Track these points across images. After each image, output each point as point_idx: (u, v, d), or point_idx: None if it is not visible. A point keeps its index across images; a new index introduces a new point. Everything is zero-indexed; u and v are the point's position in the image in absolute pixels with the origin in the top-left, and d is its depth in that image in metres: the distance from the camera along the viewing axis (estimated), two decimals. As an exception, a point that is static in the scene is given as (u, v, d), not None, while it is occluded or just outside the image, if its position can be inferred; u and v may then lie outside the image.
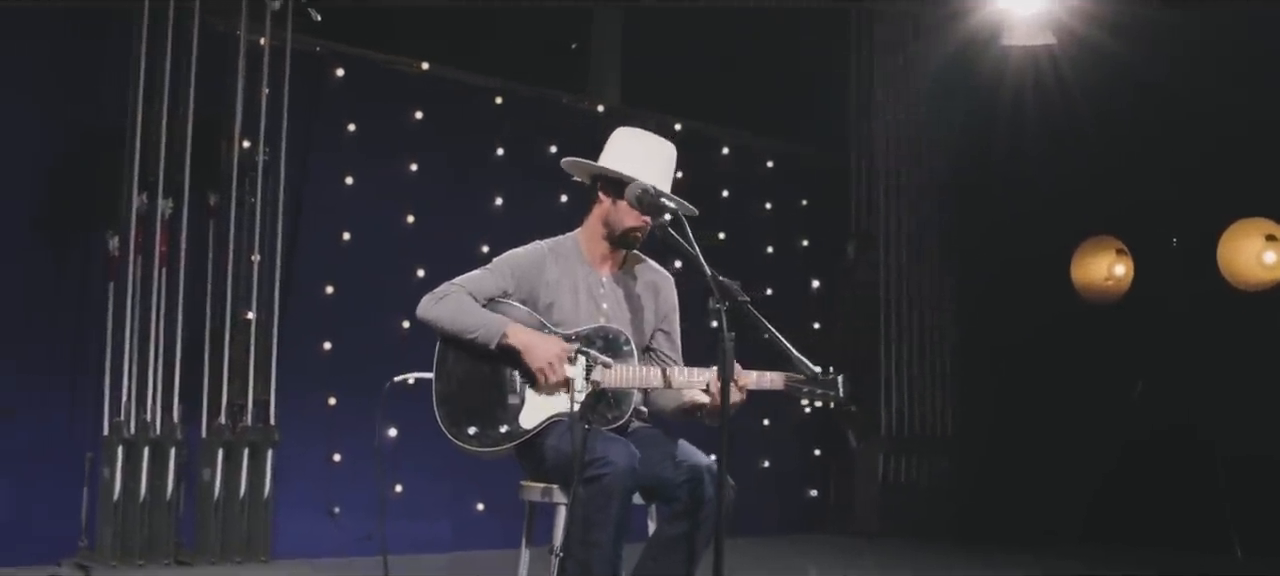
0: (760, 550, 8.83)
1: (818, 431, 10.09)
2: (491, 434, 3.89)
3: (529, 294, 4.07)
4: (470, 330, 3.91)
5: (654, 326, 4.20)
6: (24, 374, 6.65)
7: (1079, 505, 9.26)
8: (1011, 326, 9.61)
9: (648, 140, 4.17)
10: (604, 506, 3.64)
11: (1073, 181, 9.22)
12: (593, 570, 3.65)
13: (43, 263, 6.75)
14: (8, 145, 6.59)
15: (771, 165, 9.99)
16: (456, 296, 3.98)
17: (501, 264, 4.13)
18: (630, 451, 3.71)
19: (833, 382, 3.85)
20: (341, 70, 7.77)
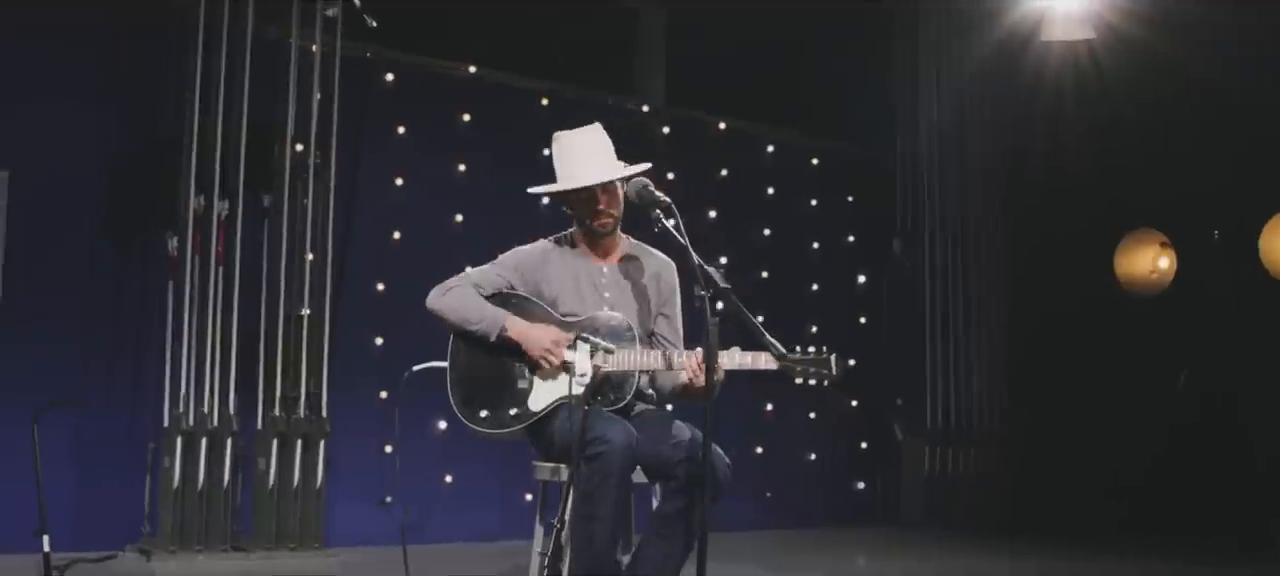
0: (807, 542, 8.98)
1: (864, 424, 10.20)
2: (501, 416, 4.12)
3: (533, 288, 4.29)
4: (472, 322, 4.16)
5: (656, 312, 4.38)
6: (90, 368, 7.00)
7: (1124, 495, 9.30)
8: (1056, 319, 9.68)
9: (578, 140, 4.35)
10: (603, 482, 3.84)
11: (1115, 175, 9.26)
12: (594, 543, 3.86)
13: (107, 263, 7.08)
14: (74, 149, 6.93)
15: (816, 162, 10.12)
16: (460, 290, 4.22)
17: (507, 259, 4.37)
18: (628, 431, 3.90)
19: (825, 361, 4.01)
20: (391, 75, 8.03)
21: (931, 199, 10.17)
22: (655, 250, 4.53)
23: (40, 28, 6.76)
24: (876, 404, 10.21)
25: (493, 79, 8.46)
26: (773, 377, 9.65)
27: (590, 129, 4.39)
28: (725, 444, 9.29)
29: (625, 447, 3.87)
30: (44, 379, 6.75)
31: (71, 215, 6.96)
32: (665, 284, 4.46)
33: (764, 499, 9.57)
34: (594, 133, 4.38)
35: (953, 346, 10.13)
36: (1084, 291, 9.53)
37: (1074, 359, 9.58)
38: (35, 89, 6.75)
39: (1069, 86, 9.00)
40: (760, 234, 9.78)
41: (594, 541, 3.88)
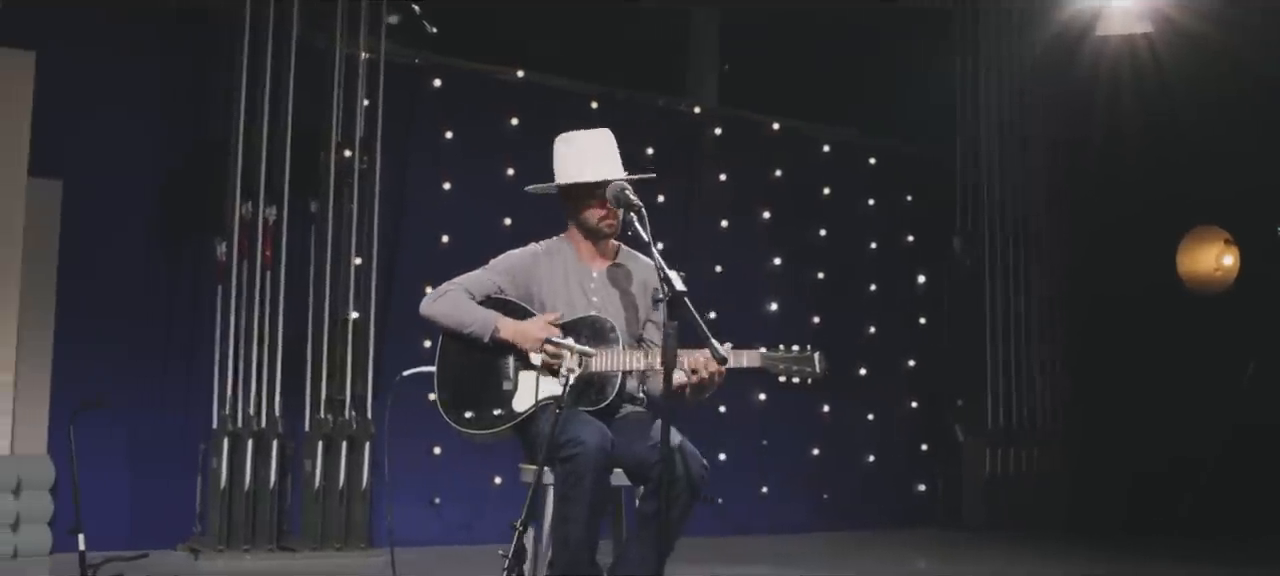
0: (864, 544, 8.91)
1: (925, 425, 10.10)
2: (486, 417, 4.17)
3: (524, 291, 4.33)
4: (466, 325, 4.22)
5: (645, 316, 4.39)
6: (145, 370, 7.19)
7: (1189, 495, 9.10)
8: (1118, 316, 9.49)
9: (582, 141, 4.39)
10: (577, 484, 3.88)
11: (1176, 171, 9.07)
12: (570, 544, 3.90)
13: (158, 267, 7.28)
14: (125, 158, 7.13)
15: (874, 162, 10.04)
16: (453, 295, 4.28)
17: (498, 264, 4.42)
18: (602, 433, 3.92)
19: (809, 359, 3.99)
20: (439, 80, 8.12)
21: (991, 197, 10.02)
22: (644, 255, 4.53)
23: (91, 39, 6.98)
24: (937, 404, 10.09)
25: (541, 82, 8.50)
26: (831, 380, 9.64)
27: (601, 131, 4.42)
28: (779, 445, 9.33)
29: (598, 449, 3.89)
30: (99, 380, 6.92)
31: (124, 222, 7.16)
32: (654, 289, 4.46)
33: (820, 501, 9.52)
34: (606, 135, 4.41)
35: (1014, 346, 9.98)
36: (1146, 288, 9.33)
37: (1136, 357, 9.37)
38: (87, 100, 6.96)
39: (1127, 81, 8.84)
40: (816, 234, 9.72)
41: (569, 542, 3.93)
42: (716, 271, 9.20)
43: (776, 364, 4.05)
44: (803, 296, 9.60)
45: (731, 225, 9.28)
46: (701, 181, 9.21)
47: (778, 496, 9.28)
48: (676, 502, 3.98)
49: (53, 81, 6.84)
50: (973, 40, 10.08)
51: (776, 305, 9.45)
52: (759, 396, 9.26)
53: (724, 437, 9.10)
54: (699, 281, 8.97)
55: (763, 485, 9.24)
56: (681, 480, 3.99)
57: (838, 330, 9.72)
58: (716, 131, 9.27)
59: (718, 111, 9.33)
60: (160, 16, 7.17)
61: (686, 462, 4.00)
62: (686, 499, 4.01)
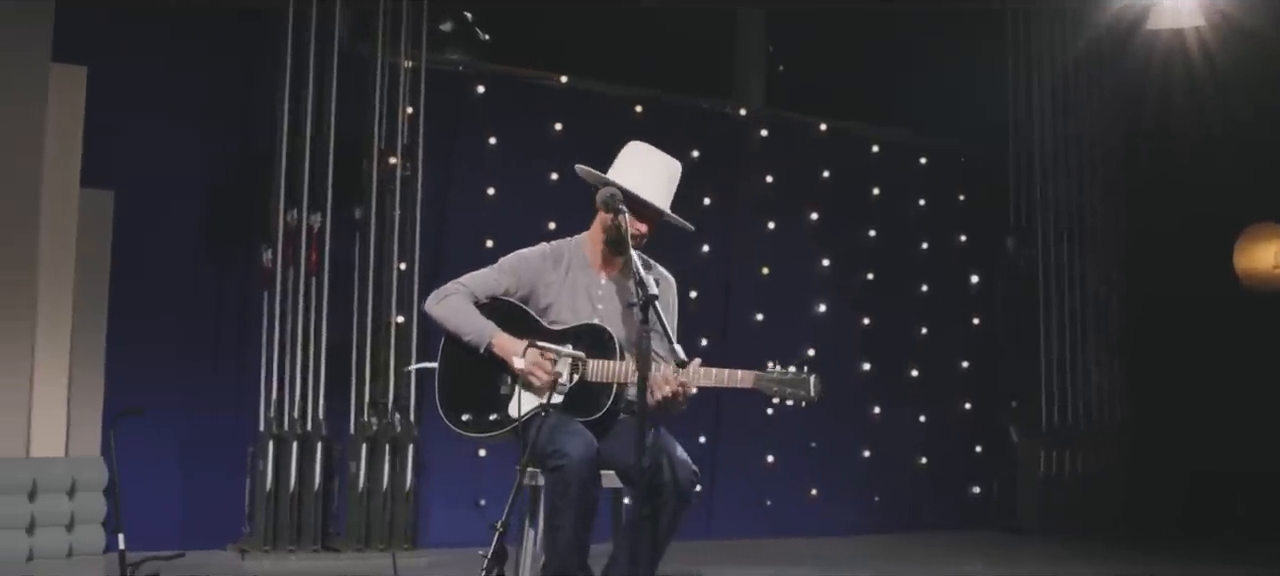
0: (918, 546, 8.85)
1: (979, 426, 10.02)
2: (482, 421, 4.22)
3: (529, 293, 4.37)
4: (464, 333, 4.26)
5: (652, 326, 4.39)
6: (195, 374, 7.39)
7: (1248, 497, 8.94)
8: (1174, 315, 9.34)
9: (648, 155, 4.38)
10: (563, 493, 3.93)
11: (1231, 168, 8.90)
12: (558, 550, 3.96)
13: (208, 274, 7.47)
14: (176, 168, 7.34)
15: (925, 162, 9.98)
16: (455, 298, 4.32)
17: (506, 263, 4.44)
18: (588, 443, 3.94)
19: (804, 382, 3.96)
20: (482, 87, 8.23)
21: (1045, 195, 9.92)
22: (657, 264, 4.54)
23: (140, 53, 7.18)
24: (991, 405, 10.00)
25: (585, 88, 8.58)
26: (881, 381, 9.59)
27: (674, 162, 4.43)
28: (829, 447, 9.29)
29: (583, 460, 3.93)
30: (151, 384, 7.17)
31: (173, 230, 7.36)
32: (663, 298, 4.46)
33: (871, 503, 9.48)
34: (676, 168, 4.42)
35: (1068, 345, 9.87)
36: (1203, 287, 9.17)
37: (1193, 356, 9.21)
38: (137, 112, 7.16)
39: (1179, 76, 8.70)
40: (865, 236, 9.68)
41: (557, 548, 3.99)
42: (763, 274, 9.21)
43: (770, 386, 4.01)
44: (852, 298, 9.57)
45: (778, 227, 9.27)
46: (747, 184, 9.22)
47: (827, 498, 9.26)
48: (664, 509, 4.01)
49: (104, 95, 7.06)
50: (1025, 38, 9.99)
51: (825, 307, 9.43)
52: (808, 398, 9.23)
53: (772, 439, 9.12)
54: (745, 284, 9.09)
55: (811, 487, 9.23)
56: (669, 486, 4.02)
57: (888, 332, 9.68)
58: (762, 133, 9.28)
59: (763, 113, 9.33)
60: (207, 30, 7.35)
61: (674, 469, 4.03)
62: (674, 505, 4.03)
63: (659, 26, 8.87)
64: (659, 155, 4.39)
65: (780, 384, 4.00)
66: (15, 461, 6.67)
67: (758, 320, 9.16)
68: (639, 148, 4.40)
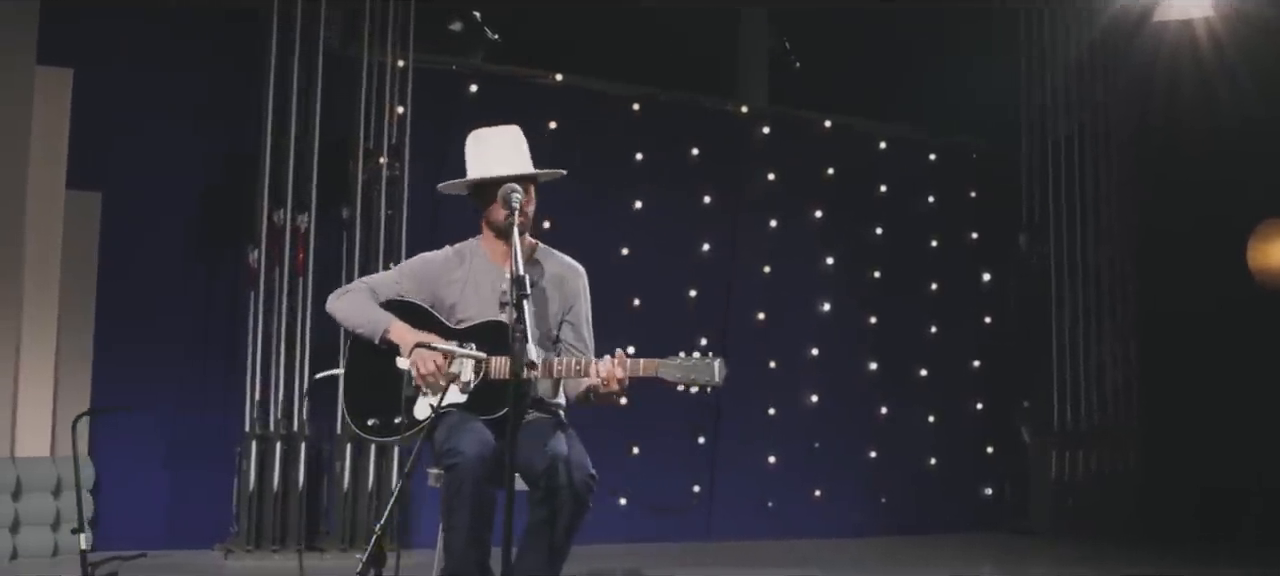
0: (926, 548, 8.73)
1: (989, 428, 9.85)
2: (388, 425, 4.16)
3: (431, 294, 4.32)
4: (359, 326, 4.23)
5: (560, 317, 4.34)
6: (183, 374, 7.43)
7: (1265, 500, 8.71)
8: (1190, 313, 9.11)
9: (489, 136, 4.36)
10: (457, 492, 3.89)
11: (1243, 162, 8.68)
12: (453, 552, 3.92)
13: (196, 274, 7.51)
14: (163, 169, 7.37)
15: (934, 158, 9.83)
16: (354, 294, 4.30)
17: (406, 266, 4.43)
18: (483, 442, 3.88)
19: (707, 367, 3.90)
20: (475, 86, 8.20)
21: (1057, 192, 9.73)
22: (564, 255, 4.49)
23: (126, 56, 7.23)
24: (1003, 405, 9.83)
25: (580, 86, 8.53)
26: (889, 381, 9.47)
27: (510, 128, 4.38)
28: (832, 447, 9.19)
29: (477, 459, 3.87)
30: (140, 384, 7.22)
31: (161, 231, 7.40)
32: (569, 289, 4.41)
33: (877, 504, 9.35)
34: (513, 132, 4.37)
35: (1081, 344, 9.66)
36: (1218, 284, 8.93)
37: (1208, 355, 8.96)
38: (123, 114, 7.21)
39: (1187, 68, 8.50)
40: (872, 233, 9.55)
41: (451, 549, 3.96)
42: (765, 272, 9.12)
43: (673, 372, 3.95)
44: (858, 296, 9.45)
45: (781, 225, 9.18)
46: (749, 181, 9.13)
47: (831, 499, 9.15)
48: (561, 512, 3.96)
49: (91, 98, 7.12)
50: (1037, 31, 9.81)
51: (830, 305, 9.32)
52: (810, 398, 9.16)
53: (773, 439, 9.03)
54: (747, 283, 9.00)
55: (815, 488, 9.12)
56: (564, 489, 3.96)
57: (896, 330, 9.56)
58: (764, 130, 9.18)
59: (766, 110, 9.24)
60: (194, 32, 7.39)
61: (570, 472, 3.97)
62: (571, 508, 3.98)
63: (660, 25, 8.82)
64: (495, 130, 4.36)
65: (683, 370, 3.95)
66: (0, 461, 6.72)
67: (759, 319, 9.07)
68: (475, 135, 4.38)
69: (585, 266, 8.54)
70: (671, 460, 8.71)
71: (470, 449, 3.87)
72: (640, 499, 8.57)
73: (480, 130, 4.38)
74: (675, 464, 8.74)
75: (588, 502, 4.00)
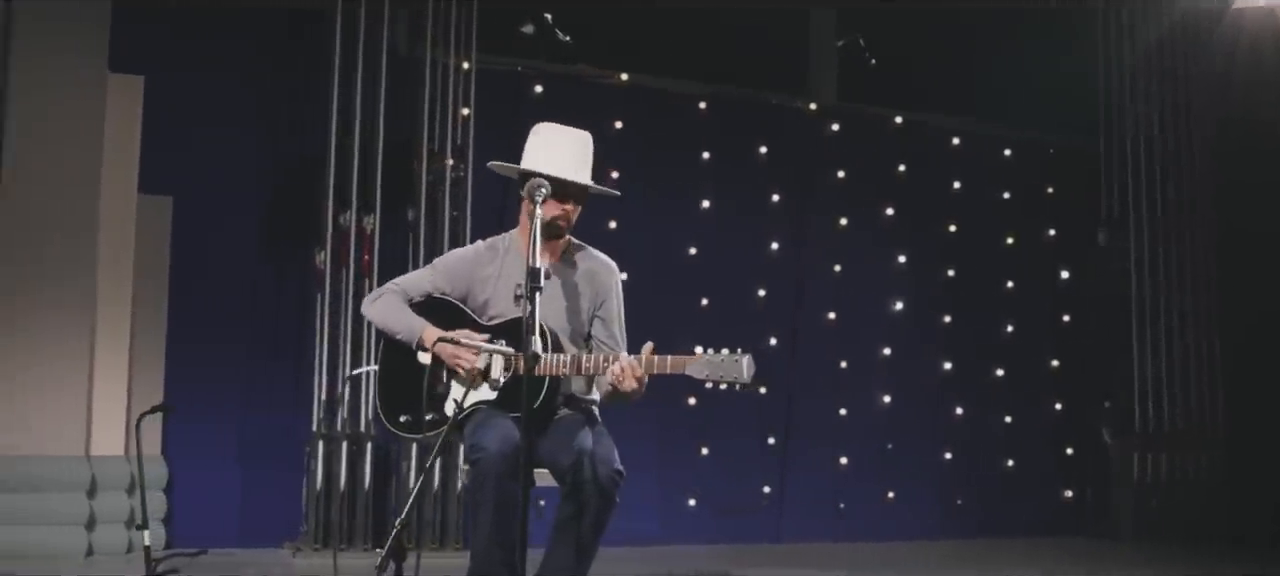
0: (1002, 552, 8.56)
1: (1070, 428, 9.65)
2: (419, 421, 4.14)
3: (465, 291, 4.29)
4: (396, 332, 4.21)
5: (591, 314, 4.30)
6: (254, 374, 7.58)
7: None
8: (1274, 312, 8.84)
9: (555, 133, 4.27)
10: (481, 488, 3.88)
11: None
12: (479, 546, 3.92)
13: (266, 276, 7.64)
14: (235, 173, 7.54)
15: (1009, 154, 9.66)
16: (387, 299, 4.29)
17: (440, 263, 4.40)
18: (506, 438, 3.83)
19: (736, 364, 3.83)
20: (540, 87, 8.22)
21: (1137, 186, 9.50)
22: (598, 252, 4.44)
23: (195, 62, 7.37)
24: (1082, 406, 9.61)
25: (646, 85, 8.52)
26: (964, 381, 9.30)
27: (579, 133, 4.32)
28: (906, 449, 9.06)
29: (500, 455, 3.84)
30: (212, 384, 7.41)
31: (232, 234, 7.54)
32: (601, 286, 4.36)
33: (953, 507, 9.19)
34: (581, 137, 4.31)
35: (1163, 343, 9.42)
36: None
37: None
38: (194, 119, 7.35)
39: (1270, 56, 8.24)
40: (945, 231, 9.41)
41: (476, 543, 3.96)
42: (835, 271, 9.03)
43: (701, 369, 3.88)
44: (931, 295, 9.32)
45: (851, 223, 9.09)
46: (818, 180, 9.04)
47: (904, 501, 9.02)
48: (587, 508, 3.92)
49: (161, 103, 7.26)
50: (1114, 22, 9.59)
51: (902, 304, 9.19)
52: (883, 398, 9.04)
53: (846, 441, 8.93)
54: (817, 282, 8.91)
55: (888, 490, 8.99)
56: (589, 485, 3.93)
57: (971, 330, 9.41)
58: (834, 127, 9.09)
59: (835, 108, 9.15)
60: (261, 37, 7.56)
61: (595, 468, 3.93)
62: (597, 505, 3.94)
63: (728, 24, 8.76)
64: (566, 131, 4.28)
65: (711, 366, 3.87)
66: (76, 460, 6.87)
67: (830, 318, 8.97)
68: (544, 128, 4.29)
69: (654, 266, 8.59)
70: (741, 461, 8.66)
71: (493, 445, 3.86)
72: (710, 500, 8.54)
73: (549, 125, 4.31)
74: (745, 465, 8.68)
75: (614, 498, 3.97)
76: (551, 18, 8.66)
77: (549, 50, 8.42)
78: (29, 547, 6.62)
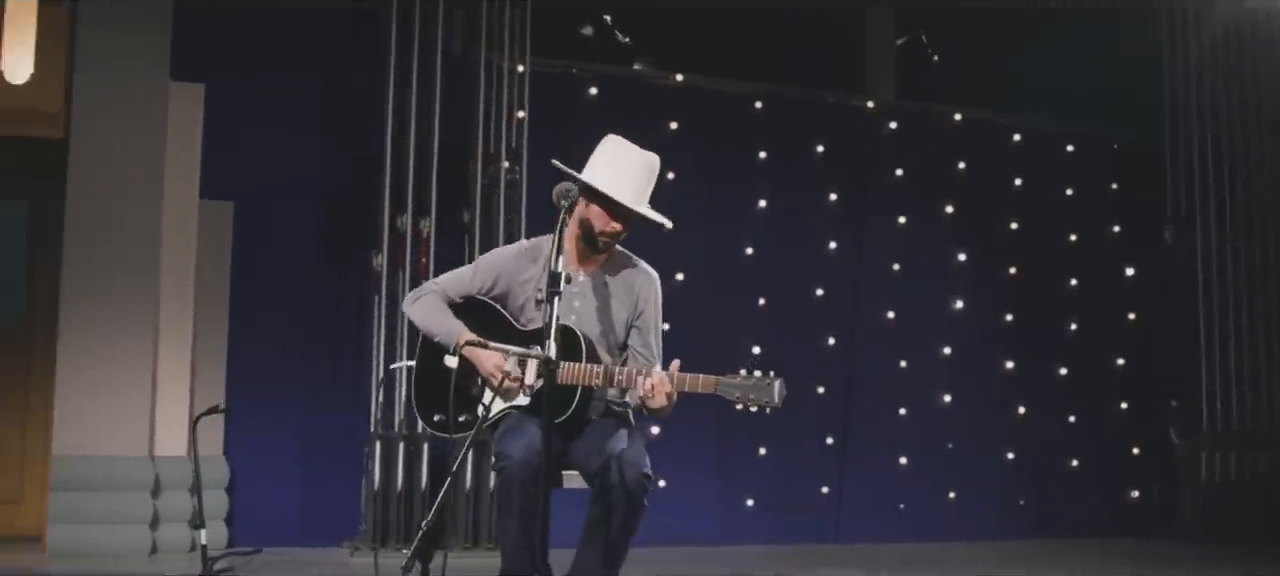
0: (1065, 553, 8.45)
1: (1136, 428, 9.50)
2: (453, 421, 4.16)
3: (505, 291, 4.30)
4: (435, 333, 4.24)
5: (628, 322, 4.29)
6: (314, 376, 7.69)
7: None
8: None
9: (622, 150, 4.25)
10: (506, 494, 3.91)
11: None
12: (506, 551, 3.97)
13: (326, 279, 7.74)
14: (295, 177, 7.66)
15: (1072, 149, 9.53)
16: (428, 299, 4.31)
17: (481, 262, 4.40)
18: (529, 444, 3.83)
19: (767, 387, 3.82)
20: (594, 88, 8.25)
21: (1205, 182, 9.33)
22: (639, 260, 4.43)
23: (255, 69, 7.49)
24: (1149, 405, 9.46)
25: (701, 85, 8.52)
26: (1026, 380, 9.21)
27: (648, 155, 4.31)
28: (967, 449, 8.97)
29: (523, 463, 3.85)
30: (273, 385, 7.54)
31: (292, 237, 7.67)
32: (639, 294, 4.34)
33: (1016, 507, 9.09)
34: (648, 160, 4.29)
35: (1231, 341, 9.23)
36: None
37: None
38: (253, 125, 7.48)
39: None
40: (1006, 228, 9.30)
41: (504, 548, 4.00)
42: (894, 270, 8.96)
43: (731, 390, 3.87)
44: (993, 293, 9.22)
45: (910, 221, 9.02)
46: (876, 178, 8.99)
47: (966, 502, 8.93)
48: (615, 511, 3.93)
49: (221, 110, 7.40)
50: (1178, 20, 9.43)
51: (962, 303, 9.11)
52: (943, 398, 8.97)
53: (905, 441, 8.87)
54: (876, 281, 8.86)
55: (949, 490, 8.92)
56: (617, 488, 3.93)
57: (1034, 328, 9.30)
58: (892, 125, 9.03)
59: (893, 105, 9.08)
60: (319, 44, 7.68)
61: (623, 471, 3.93)
62: (624, 508, 3.94)
63: (783, 23, 8.74)
64: (635, 151, 4.26)
65: (742, 389, 3.86)
66: (140, 460, 7.02)
67: (889, 318, 8.92)
68: (614, 143, 4.28)
69: (710, 267, 8.58)
70: (799, 461, 8.64)
71: (517, 452, 3.87)
72: (768, 500, 8.52)
73: (619, 140, 4.30)
74: (803, 465, 8.66)
75: (642, 501, 3.96)
76: (611, 19, 8.71)
77: (604, 52, 8.46)
78: (95, 546, 6.80)
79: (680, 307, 8.37)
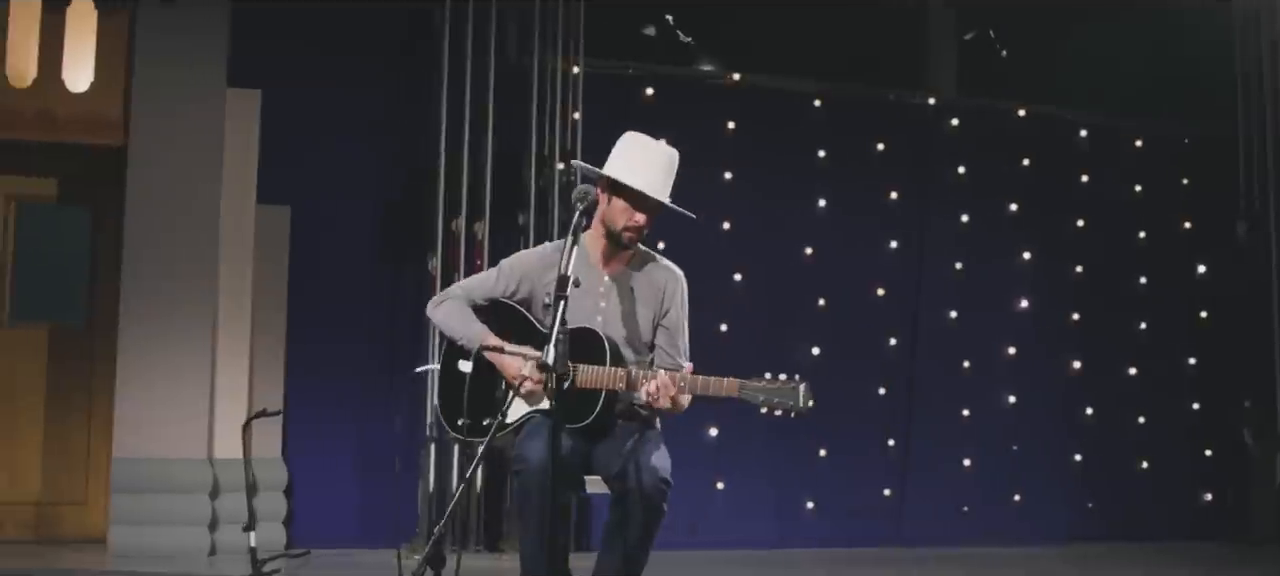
0: (1135, 557, 8.29)
1: (1209, 430, 9.27)
2: (476, 426, 4.12)
3: (530, 294, 4.24)
4: (459, 338, 4.20)
5: (653, 322, 4.22)
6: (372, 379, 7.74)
7: None
8: None
9: (642, 145, 4.18)
10: (525, 500, 3.87)
11: None
12: (525, 556, 3.93)
13: (384, 282, 7.80)
14: (351, 182, 7.71)
15: (1140, 144, 9.33)
16: (451, 303, 4.26)
17: (505, 265, 4.33)
18: (544, 449, 3.79)
19: (792, 391, 3.74)
20: (650, 89, 8.20)
21: (1278, 176, 9.06)
22: (665, 260, 4.35)
23: (310, 76, 7.54)
24: (1222, 406, 9.23)
25: (760, 84, 8.44)
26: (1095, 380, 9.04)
27: (666, 149, 4.22)
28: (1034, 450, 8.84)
29: (541, 468, 3.79)
30: (331, 388, 7.59)
31: (349, 241, 7.73)
32: (667, 293, 4.26)
33: (1084, 510, 8.91)
34: (668, 154, 4.20)
35: (1308, 340, 8.98)
36: None
37: None
38: (309, 130, 7.55)
39: None
40: (1073, 225, 9.13)
41: (523, 553, 3.97)
42: (957, 269, 8.83)
43: (755, 394, 3.80)
44: (1059, 292, 9.05)
45: (973, 220, 8.88)
46: (938, 175, 8.86)
47: (1033, 504, 8.78)
48: (633, 517, 3.88)
49: (277, 116, 7.48)
50: (1253, 9, 9.17)
51: (1028, 302, 8.96)
52: (1008, 399, 8.82)
53: (969, 442, 8.74)
54: (938, 280, 8.73)
55: (1014, 492, 8.76)
56: (634, 493, 3.87)
57: (1101, 328, 9.12)
58: (954, 122, 8.89)
59: (955, 101, 8.94)
60: (375, 49, 7.74)
61: (641, 476, 3.87)
62: (642, 514, 3.88)
63: (842, 20, 8.63)
64: (655, 144, 4.19)
65: (767, 392, 3.79)
66: (199, 462, 7.10)
67: (951, 317, 8.78)
68: (633, 137, 4.21)
69: (769, 267, 8.50)
70: (861, 463, 8.54)
71: (534, 457, 3.84)
72: (829, 503, 8.43)
73: (638, 134, 4.24)
74: (865, 467, 8.56)
75: (661, 507, 3.90)
76: (672, 20, 8.68)
77: (659, 52, 8.42)
78: (155, 547, 6.88)
79: (739, 309, 8.39)
